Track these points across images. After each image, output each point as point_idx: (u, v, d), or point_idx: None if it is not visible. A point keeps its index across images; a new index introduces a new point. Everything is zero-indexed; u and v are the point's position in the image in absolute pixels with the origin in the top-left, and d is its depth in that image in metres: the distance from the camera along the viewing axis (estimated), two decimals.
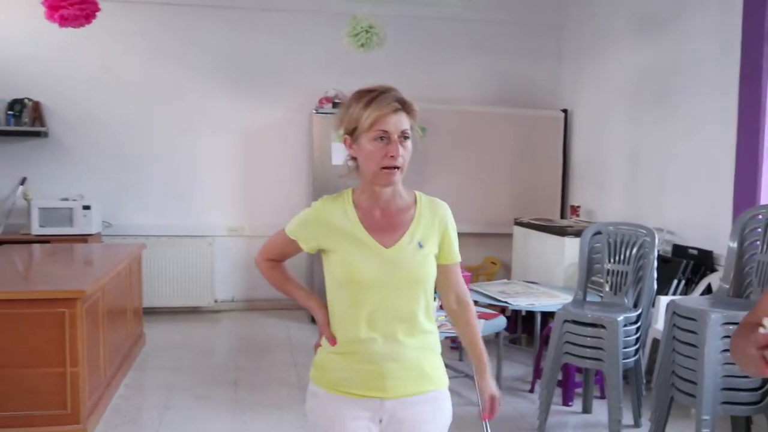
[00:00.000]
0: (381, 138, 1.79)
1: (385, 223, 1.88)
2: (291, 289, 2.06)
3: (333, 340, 1.89)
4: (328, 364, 1.90)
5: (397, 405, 1.85)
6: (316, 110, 6.40)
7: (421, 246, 1.87)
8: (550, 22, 7.12)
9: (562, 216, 6.92)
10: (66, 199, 6.16)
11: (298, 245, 1.95)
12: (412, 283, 1.85)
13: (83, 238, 5.96)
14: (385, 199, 1.88)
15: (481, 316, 4.37)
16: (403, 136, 1.81)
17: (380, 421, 1.87)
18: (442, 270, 1.96)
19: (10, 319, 3.55)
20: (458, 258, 1.99)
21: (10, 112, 6.18)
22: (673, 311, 3.42)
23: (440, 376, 1.94)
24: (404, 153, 1.81)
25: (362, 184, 1.90)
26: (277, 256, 2.04)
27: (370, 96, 1.80)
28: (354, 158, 1.87)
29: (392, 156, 1.79)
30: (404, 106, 1.81)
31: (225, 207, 6.81)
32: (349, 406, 1.85)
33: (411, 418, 1.87)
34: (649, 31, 5.61)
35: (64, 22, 4.20)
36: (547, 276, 5.59)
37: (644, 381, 4.05)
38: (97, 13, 4.29)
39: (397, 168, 1.81)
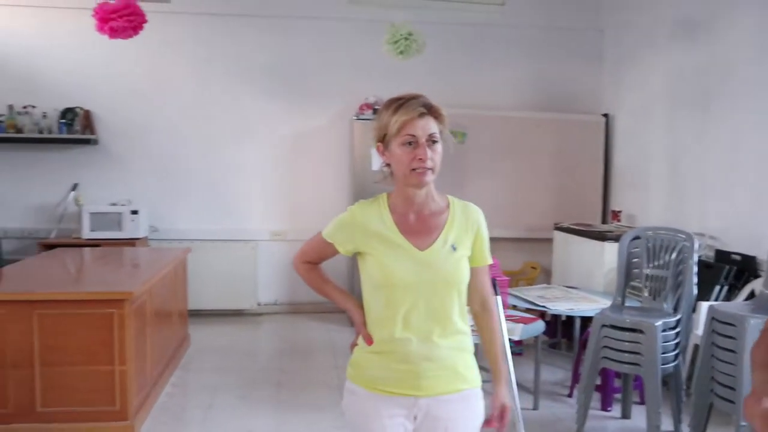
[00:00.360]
0: (409, 143, 1.85)
1: (419, 227, 1.93)
2: (329, 290, 2.12)
3: (369, 340, 1.95)
4: (365, 363, 1.96)
5: (431, 403, 1.91)
6: (356, 116, 6.49)
7: (454, 248, 1.92)
8: (591, 26, 7.10)
9: (604, 221, 6.88)
10: (115, 204, 6.37)
11: (335, 248, 2.01)
12: (446, 285, 1.90)
13: (131, 242, 6.16)
14: (419, 202, 1.94)
15: (520, 320, 4.40)
16: (431, 139, 1.86)
17: (415, 418, 1.92)
18: (471, 272, 1.99)
19: (62, 318, 3.71)
20: (488, 261, 2.03)
21: (62, 121, 6.41)
22: (712, 317, 3.40)
23: (473, 376, 1.98)
24: (433, 156, 1.86)
25: (397, 189, 1.97)
26: (315, 258, 2.11)
27: (398, 103, 1.88)
28: (388, 164, 1.94)
29: (420, 159, 1.84)
30: (431, 111, 1.87)
31: (268, 212, 6.94)
32: (386, 404, 1.91)
33: (444, 416, 1.92)
34: (690, 35, 5.57)
35: (113, 33, 4.35)
36: (588, 281, 5.57)
37: (684, 387, 4.02)
38: (144, 25, 4.44)
39: (428, 169, 1.86)
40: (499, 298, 3.16)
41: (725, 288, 4.66)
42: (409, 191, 1.93)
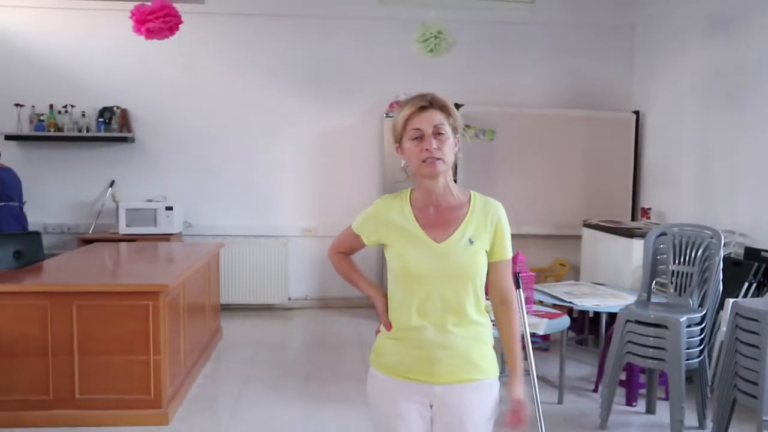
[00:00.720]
0: (417, 137, 1.94)
1: (438, 220, 2.01)
2: (356, 279, 2.23)
3: (389, 326, 2.04)
4: (385, 349, 2.05)
5: (446, 391, 1.98)
6: (386, 114, 6.57)
7: (471, 242, 1.98)
8: (622, 23, 7.08)
9: (633, 218, 6.86)
10: (150, 201, 6.55)
11: (362, 240, 2.12)
12: (461, 277, 1.97)
13: (166, 237, 6.34)
14: (437, 194, 2.01)
15: (545, 315, 4.44)
16: (438, 131, 1.94)
17: (431, 405, 1.99)
18: (491, 267, 2.05)
19: (100, 310, 3.86)
20: (507, 256, 2.06)
21: (100, 120, 6.61)
22: (736, 312, 3.41)
23: (489, 366, 2.04)
24: (440, 145, 1.94)
25: (417, 184, 2.05)
26: (346, 249, 2.23)
27: (405, 102, 1.99)
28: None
29: (427, 149, 1.92)
30: (433, 104, 1.95)
31: (299, 208, 7.05)
32: (403, 389, 1.99)
33: (459, 404, 1.98)
34: (722, 31, 5.54)
35: (150, 34, 4.47)
36: (616, 278, 5.58)
37: (709, 383, 4.02)
38: (179, 26, 4.56)
39: (436, 159, 1.93)
40: (520, 292, 3.21)
41: (753, 285, 4.64)
42: (427, 185, 2.00)
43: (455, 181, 2.06)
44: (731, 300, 4.16)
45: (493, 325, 2.09)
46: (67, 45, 6.66)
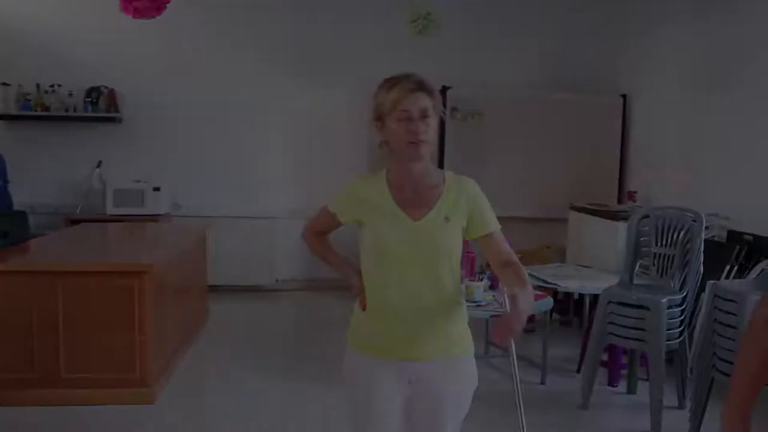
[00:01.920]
0: (404, 118, 1.94)
1: (415, 199, 2.03)
2: (332, 258, 2.25)
3: (364, 304, 2.07)
4: (360, 327, 2.09)
5: (423, 367, 2.01)
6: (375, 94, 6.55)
7: (448, 219, 2.00)
8: (609, 6, 7.06)
9: (620, 201, 6.90)
10: (138, 182, 6.53)
11: (338, 218, 2.13)
12: (437, 253, 1.99)
13: (153, 218, 6.33)
14: (415, 176, 2.03)
15: None
16: (424, 114, 1.95)
17: (409, 382, 2.02)
18: (484, 242, 2.06)
19: (86, 288, 3.88)
20: (492, 228, 2.05)
21: (87, 100, 6.58)
22: (714, 294, 3.46)
23: (466, 344, 2.08)
24: (426, 129, 1.95)
25: (395, 164, 2.07)
26: (322, 228, 2.25)
27: (392, 82, 1.98)
28: (386, 141, 2.04)
29: (414, 132, 1.93)
30: (422, 87, 1.96)
31: (287, 190, 7.06)
32: (379, 367, 2.02)
33: (436, 381, 2.02)
34: (709, 15, 5.55)
35: (137, 14, 4.44)
36: (601, 260, 5.61)
37: (689, 364, 4.08)
38: (166, 5, 4.53)
39: (422, 142, 1.94)
40: None
41: (735, 268, 4.69)
42: (406, 165, 2.02)
43: (442, 164, 2.09)
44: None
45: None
46: (53, 23, 6.61)
